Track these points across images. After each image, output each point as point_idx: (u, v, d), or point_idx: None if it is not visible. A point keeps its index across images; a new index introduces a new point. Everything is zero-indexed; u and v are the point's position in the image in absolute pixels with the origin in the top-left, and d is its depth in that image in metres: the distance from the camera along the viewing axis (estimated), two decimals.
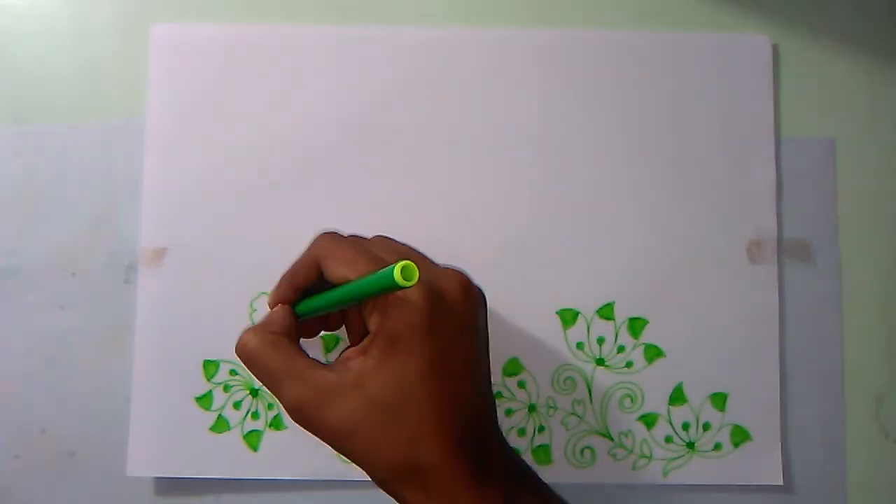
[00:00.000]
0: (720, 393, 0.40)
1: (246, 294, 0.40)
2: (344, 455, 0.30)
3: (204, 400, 0.39)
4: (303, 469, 0.39)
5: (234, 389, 0.39)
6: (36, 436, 0.40)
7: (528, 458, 0.39)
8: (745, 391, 0.40)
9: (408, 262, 0.25)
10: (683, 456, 0.40)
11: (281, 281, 0.33)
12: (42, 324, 0.40)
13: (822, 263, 0.41)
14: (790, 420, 0.40)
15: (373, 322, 0.30)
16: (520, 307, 0.40)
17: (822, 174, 0.41)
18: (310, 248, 0.33)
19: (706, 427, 0.40)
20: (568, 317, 0.40)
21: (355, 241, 0.33)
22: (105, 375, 0.40)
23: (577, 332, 0.40)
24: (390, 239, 0.34)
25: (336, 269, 0.31)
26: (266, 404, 0.39)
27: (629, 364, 0.40)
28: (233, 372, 0.39)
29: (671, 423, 0.40)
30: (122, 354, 0.40)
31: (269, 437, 0.39)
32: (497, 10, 0.42)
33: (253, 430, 0.39)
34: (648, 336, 0.40)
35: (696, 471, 0.39)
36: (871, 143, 0.42)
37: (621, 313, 0.40)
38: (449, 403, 0.29)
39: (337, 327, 0.35)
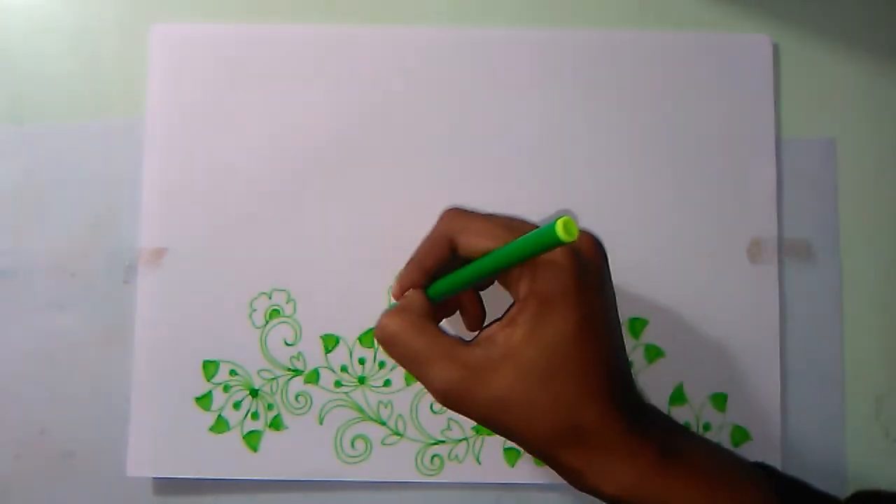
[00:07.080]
0: (720, 393, 0.40)
1: (246, 294, 0.40)
2: (498, 432, 0.29)
3: (204, 400, 0.39)
4: (303, 469, 0.39)
5: (233, 390, 0.39)
6: (36, 436, 0.40)
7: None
8: (745, 391, 0.40)
9: (567, 217, 0.25)
10: None
11: (407, 267, 0.32)
12: (42, 324, 0.40)
13: (822, 263, 0.41)
14: (790, 420, 0.40)
15: (521, 289, 0.29)
16: None
17: (822, 174, 0.41)
18: (437, 227, 0.32)
19: (706, 427, 0.40)
20: None
21: (481, 213, 0.32)
22: (104, 375, 0.40)
23: None
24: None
25: (475, 241, 0.30)
26: (266, 404, 0.39)
27: (629, 364, 0.40)
28: (233, 372, 0.39)
29: None
30: (121, 354, 0.39)
31: (269, 437, 0.39)
32: (497, 10, 0.42)
33: (253, 431, 0.39)
34: (648, 336, 0.40)
35: None
36: (871, 143, 0.42)
37: (621, 313, 0.39)
38: (602, 361, 0.29)
39: (452, 314, 0.35)
